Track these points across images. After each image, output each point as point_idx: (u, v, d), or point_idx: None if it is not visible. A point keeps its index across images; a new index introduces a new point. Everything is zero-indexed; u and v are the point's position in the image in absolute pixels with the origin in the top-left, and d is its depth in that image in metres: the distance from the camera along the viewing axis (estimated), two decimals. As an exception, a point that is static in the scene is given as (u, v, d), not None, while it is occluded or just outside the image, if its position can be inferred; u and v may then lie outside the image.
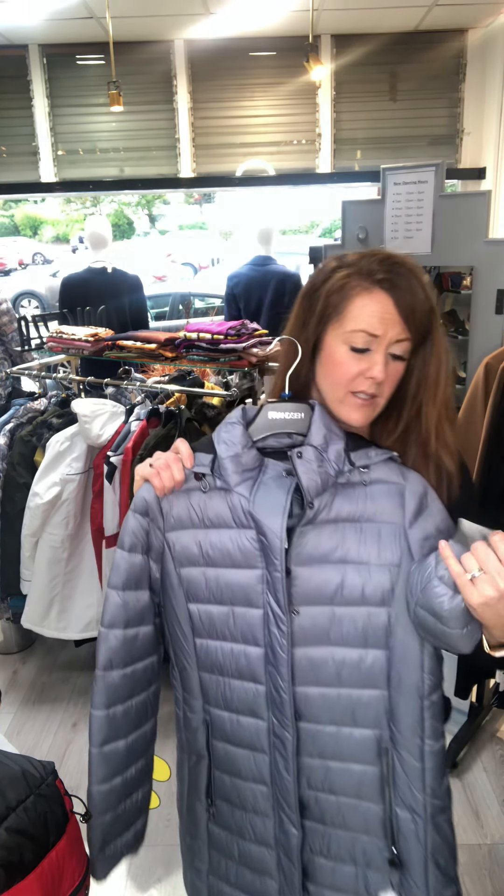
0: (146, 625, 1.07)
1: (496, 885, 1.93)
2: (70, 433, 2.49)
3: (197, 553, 1.02)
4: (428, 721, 1.00)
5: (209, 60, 4.66)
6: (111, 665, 1.05)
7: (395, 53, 4.62)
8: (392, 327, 0.99)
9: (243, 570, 1.00)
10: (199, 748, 1.11)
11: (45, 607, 2.54)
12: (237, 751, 1.07)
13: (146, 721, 1.12)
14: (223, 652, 1.04)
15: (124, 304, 3.84)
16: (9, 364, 3.76)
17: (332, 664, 0.99)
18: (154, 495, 1.02)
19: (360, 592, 0.97)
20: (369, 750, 1.01)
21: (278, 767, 1.04)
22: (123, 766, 1.10)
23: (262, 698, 1.02)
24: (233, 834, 1.12)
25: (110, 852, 1.12)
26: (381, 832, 1.03)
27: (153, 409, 2.44)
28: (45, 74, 4.73)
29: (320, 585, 0.98)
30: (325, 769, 1.03)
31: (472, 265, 2.18)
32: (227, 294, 4.03)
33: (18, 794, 1.02)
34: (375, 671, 0.99)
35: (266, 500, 0.97)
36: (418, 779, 1.01)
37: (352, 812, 1.04)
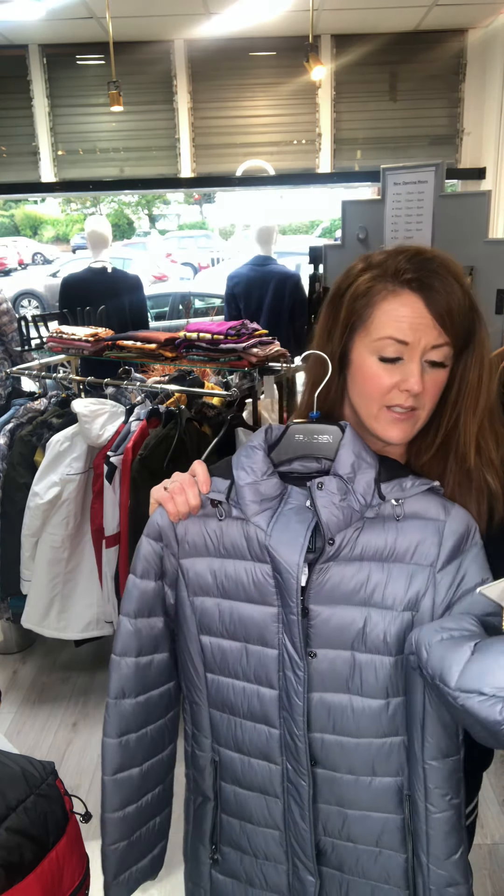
0: (161, 652, 1.02)
1: (496, 885, 1.93)
2: (70, 433, 2.49)
3: (211, 582, 0.96)
4: (428, 781, 0.91)
5: (209, 60, 4.66)
6: (123, 694, 1.02)
7: (395, 53, 4.62)
8: (425, 333, 0.88)
9: (258, 605, 0.93)
10: (206, 789, 1.06)
11: (45, 607, 2.54)
12: (248, 794, 1.01)
13: (163, 748, 1.07)
14: (235, 690, 0.98)
15: (124, 304, 3.84)
16: (9, 364, 3.75)
17: (351, 713, 0.93)
18: (168, 520, 0.97)
19: (383, 638, 0.90)
20: (390, 799, 0.95)
21: (293, 814, 0.99)
22: (138, 795, 1.06)
23: (276, 742, 0.97)
24: (241, 882, 1.06)
25: (124, 879, 1.08)
26: (403, 882, 0.97)
27: (153, 409, 2.44)
28: (45, 74, 4.73)
29: (341, 627, 0.90)
30: (342, 816, 0.97)
31: (472, 265, 2.18)
32: (227, 294, 4.04)
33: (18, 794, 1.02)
34: (398, 720, 0.92)
35: (284, 534, 0.89)
36: (423, 839, 0.93)
37: (371, 860, 0.98)
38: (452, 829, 0.92)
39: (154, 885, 1.95)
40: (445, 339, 0.89)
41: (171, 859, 2.04)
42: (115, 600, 2.49)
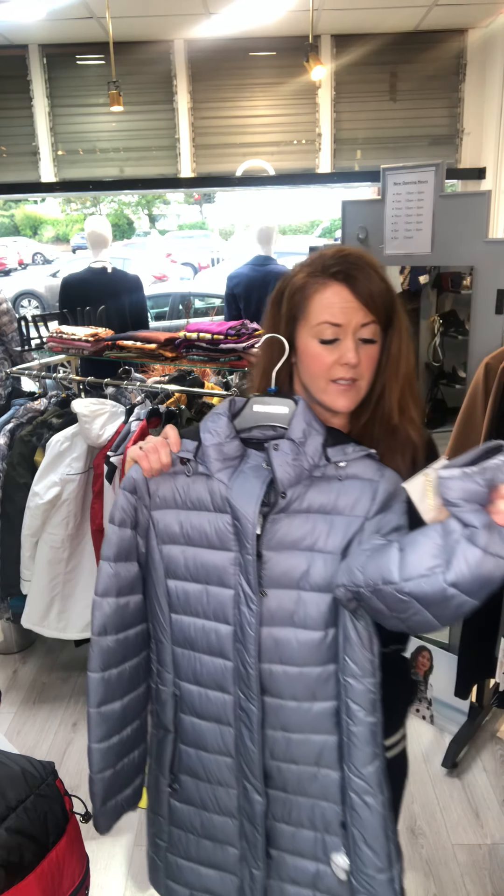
0: (136, 594, 1.13)
1: (496, 885, 1.93)
2: (70, 433, 2.49)
3: (178, 532, 1.08)
4: (350, 701, 1.02)
5: (209, 60, 4.66)
6: (105, 631, 1.11)
7: (395, 53, 4.61)
8: (354, 314, 1.04)
9: (219, 551, 1.06)
10: (167, 722, 1.17)
11: (45, 607, 2.54)
12: (204, 724, 1.12)
13: (140, 684, 1.18)
14: (196, 628, 1.10)
15: (124, 304, 3.84)
16: (9, 364, 3.75)
17: (296, 644, 1.04)
18: (142, 476, 1.09)
19: (324, 578, 1.02)
20: (328, 721, 1.06)
21: (244, 739, 1.09)
22: (119, 727, 1.15)
23: (230, 674, 1.08)
24: (196, 807, 1.17)
25: (111, 807, 1.19)
26: (339, 797, 1.08)
27: (153, 409, 2.44)
28: (45, 74, 4.73)
29: (288, 570, 1.03)
30: (287, 740, 1.08)
31: (472, 265, 2.18)
32: (227, 294, 4.04)
33: (18, 794, 1.02)
34: (335, 649, 1.04)
35: (243, 487, 1.03)
36: (347, 753, 1.05)
37: (311, 780, 1.09)
38: (367, 743, 1.03)
39: (154, 885, 1.95)
40: (371, 318, 1.05)
41: (171, 859, 2.03)
42: (115, 600, 2.49)
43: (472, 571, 0.80)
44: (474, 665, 2.27)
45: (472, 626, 2.22)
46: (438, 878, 1.95)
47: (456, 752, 2.34)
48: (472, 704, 2.42)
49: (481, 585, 0.81)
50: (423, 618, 0.87)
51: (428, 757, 2.39)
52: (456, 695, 2.32)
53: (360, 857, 1.06)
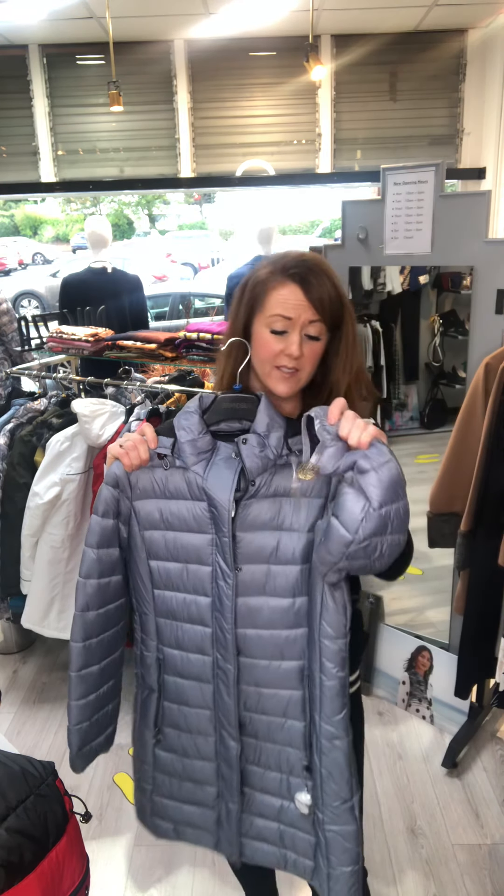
0: (116, 574, 1.26)
1: (496, 885, 1.93)
2: (70, 433, 2.49)
3: (158, 518, 1.21)
4: (324, 660, 1.16)
5: (209, 60, 4.66)
6: (88, 608, 1.25)
7: (395, 53, 4.61)
8: (304, 312, 1.16)
9: (196, 534, 1.20)
10: (151, 683, 1.32)
11: (45, 607, 2.54)
12: (186, 683, 1.28)
13: (116, 650, 1.33)
14: (177, 601, 1.24)
15: (124, 304, 3.84)
16: (9, 364, 3.75)
17: (267, 610, 1.20)
18: (123, 471, 1.20)
19: (291, 553, 1.17)
20: (294, 678, 1.22)
21: (221, 694, 1.25)
22: (97, 685, 1.31)
23: (209, 638, 1.24)
24: (178, 754, 1.34)
25: (86, 751, 1.35)
26: (302, 745, 1.24)
27: (153, 409, 2.44)
28: (45, 74, 4.73)
29: (260, 548, 1.17)
30: (258, 695, 1.24)
31: (472, 265, 2.18)
32: (227, 294, 4.03)
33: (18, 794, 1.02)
34: (301, 614, 1.19)
35: (217, 478, 1.16)
36: (317, 703, 1.20)
37: (279, 729, 1.25)
38: (337, 695, 1.17)
39: (154, 884, 1.95)
40: (318, 318, 1.17)
41: (171, 859, 2.04)
42: (115, 600, 2.49)
43: (383, 486, 0.99)
44: (474, 665, 2.27)
45: (472, 627, 2.22)
46: (438, 878, 1.95)
47: (456, 752, 2.34)
48: (472, 704, 2.42)
49: (396, 489, 1.01)
50: (392, 543, 1.03)
51: (428, 757, 2.39)
52: (456, 695, 2.32)
53: (326, 791, 1.22)
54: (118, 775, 2.32)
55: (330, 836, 1.23)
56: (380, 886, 1.93)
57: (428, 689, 2.52)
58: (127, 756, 2.39)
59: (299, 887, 1.93)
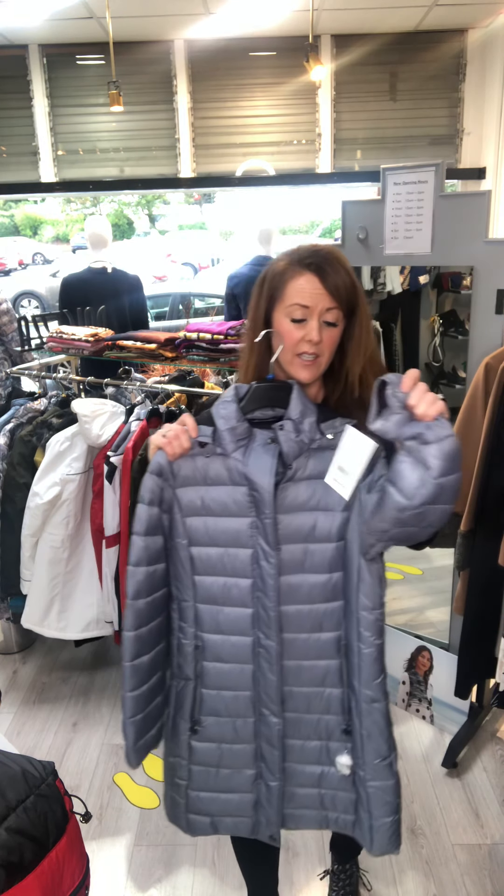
0: (162, 563, 1.30)
1: (496, 885, 1.93)
2: (70, 433, 2.49)
3: (199, 505, 1.26)
4: (361, 627, 1.23)
5: (209, 60, 4.66)
6: (139, 595, 1.28)
7: (395, 53, 4.62)
8: (321, 300, 1.21)
9: (236, 518, 1.25)
10: (188, 671, 1.34)
11: (45, 607, 2.54)
12: (226, 667, 1.32)
13: (163, 639, 1.36)
14: (217, 585, 1.28)
15: (124, 304, 3.84)
16: (9, 364, 3.75)
17: (307, 587, 1.26)
18: (167, 460, 1.24)
19: (327, 532, 1.23)
20: (332, 648, 1.29)
21: (263, 672, 1.30)
22: (148, 676, 1.34)
23: (249, 619, 1.28)
24: (216, 742, 1.36)
25: (141, 745, 1.36)
26: (340, 710, 1.32)
27: (153, 409, 2.44)
28: (45, 74, 4.73)
29: (298, 528, 1.23)
30: (298, 668, 1.30)
31: (472, 265, 2.18)
32: (226, 294, 4.03)
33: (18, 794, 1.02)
34: (338, 588, 1.26)
35: (257, 463, 1.22)
36: (356, 671, 1.27)
37: (318, 699, 1.32)
38: (375, 661, 1.25)
39: (154, 884, 1.95)
40: (335, 305, 1.22)
41: (171, 859, 2.04)
42: (115, 600, 2.49)
43: (444, 457, 1.04)
44: (474, 665, 2.27)
45: (472, 627, 2.22)
46: (438, 878, 1.95)
47: (456, 752, 2.34)
48: (472, 704, 2.42)
49: (455, 461, 1.05)
50: (442, 512, 1.09)
51: (428, 757, 2.39)
52: (456, 695, 2.32)
53: (366, 751, 1.29)
54: (118, 775, 2.32)
55: (371, 791, 1.31)
56: (380, 886, 1.93)
57: (428, 689, 2.52)
58: (127, 756, 2.39)
59: (299, 887, 1.94)
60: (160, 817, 2.16)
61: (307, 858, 2.01)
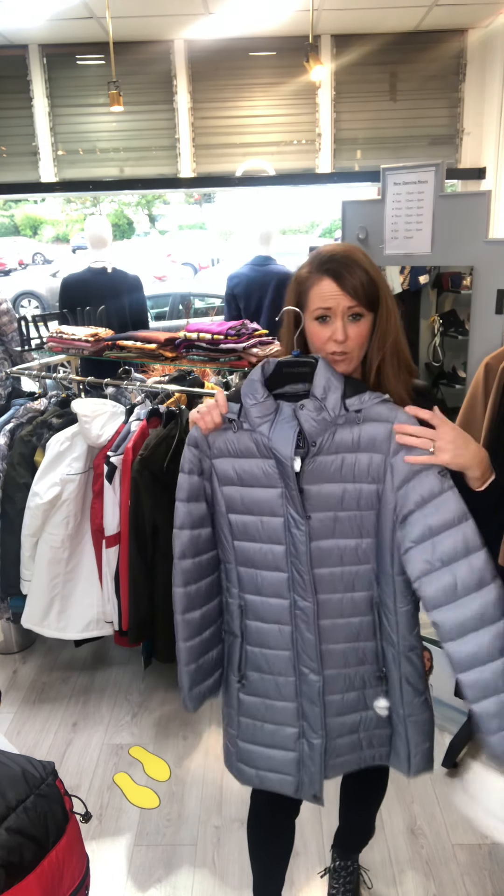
0: (206, 527, 1.40)
1: (496, 885, 1.93)
2: (70, 433, 2.49)
3: (233, 475, 1.34)
4: (397, 589, 1.33)
5: (209, 60, 4.66)
6: (184, 555, 1.39)
7: (395, 53, 4.61)
8: (342, 301, 1.28)
9: (267, 488, 1.32)
10: (235, 628, 1.45)
11: (45, 607, 2.54)
12: (266, 626, 1.40)
13: (213, 598, 1.46)
14: (254, 550, 1.37)
15: (124, 304, 3.84)
16: (9, 364, 3.75)
17: (337, 551, 1.33)
18: (201, 434, 1.34)
19: (355, 502, 1.31)
20: (365, 606, 1.38)
21: (301, 632, 1.37)
22: (199, 630, 1.44)
23: (285, 583, 1.36)
24: (260, 697, 1.44)
25: (196, 693, 1.47)
26: (375, 660, 1.41)
27: (153, 409, 2.44)
28: (45, 74, 4.73)
29: (326, 498, 1.30)
30: (332, 625, 1.37)
31: (472, 265, 2.18)
32: (227, 294, 4.03)
33: (18, 794, 1.02)
34: (368, 553, 1.35)
35: (280, 437, 1.28)
36: (394, 626, 1.37)
37: (353, 653, 1.40)
38: (412, 617, 1.37)
39: (154, 884, 1.95)
40: (356, 303, 1.28)
41: (171, 859, 2.04)
42: (115, 600, 2.49)
43: None
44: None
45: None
46: (438, 878, 1.95)
47: (456, 752, 2.34)
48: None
49: None
50: None
51: (428, 757, 2.38)
52: (456, 695, 2.32)
53: (405, 692, 1.41)
54: (118, 775, 2.32)
55: (411, 724, 1.43)
56: (380, 886, 1.93)
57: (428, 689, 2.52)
58: (127, 756, 2.39)
59: (300, 886, 1.93)
60: (160, 817, 2.16)
61: (307, 858, 2.01)
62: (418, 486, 1.26)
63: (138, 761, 2.36)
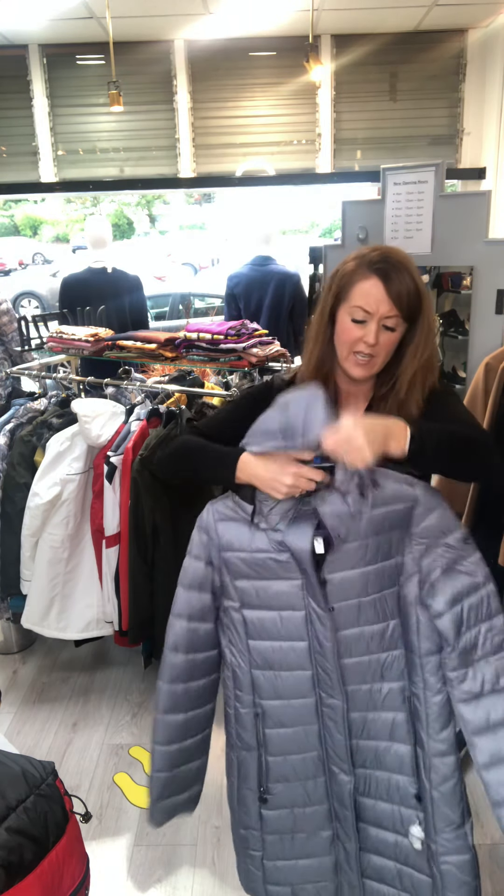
0: (206, 622, 1.29)
1: (496, 885, 1.93)
2: (70, 433, 2.49)
3: (245, 568, 1.24)
4: (427, 675, 1.22)
5: (209, 60, 4.66)
6: (176, 649, 1.29)
7: (395, 53, 4.62)
8: (382, 305, 1.24)
9: (284, 580, 1.23)
10: (249, 740, 1.32)
11: (45, 607, 2.54)
12: (289, 731, 1.29)
13: (204, 704, 1.34)
14: (273, 650, 1.26)
15: (124, 304, 3.84)
16: (9, 364, 3.75)
17: (363, 639, 1.24)
18: (212, 520, 1.25)
19: (378, 586, 1.22)
20: (397, 699, 1.26)
21: (330, 731, 1.27)
22: (181, 736, 1.32)
23: (309, 681, 1.26)
24: (287, 808, 1.33)
25: (165, 806, 1.35)
26: (410, 770, 1.27)
27: (153, 409, 2.44)
28: (45, 74, 4.73)
29: (350, 585, 1.21)
30: (363, 720, 1.27)
31: (472, 265, 2.18)
32: (227, 294, 4.03)
33: (18, 794, 1.02)
34: (395, 636, 1.25)
35: (297, 532, 1.18)
36: (424, 723, 1.24)
37: (386, 753, 1.28)
38: (443, 709, 1.23)
39: (154, 884, 1.95)
40: (396, 313, 1.25)
41: (171, 859, 2.04)
42: (115, 600, 2.49)
43: None
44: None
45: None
46: (438, 878, 1.95)
47: (456, 752, 2.33)
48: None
49: None
50: None
51: (428, 757, 2.38)
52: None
53: (437, 817, 1.25)
54: (118, 775, 2.32)
55: (445, 868, 1.26)
56: (380, 886, 1.93)
57: (428, 689, 2.52)
58: (127, 756, 2.39)
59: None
60: (160, 817, 2.16)
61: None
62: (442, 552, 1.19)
63: (138, 761, 2.36)
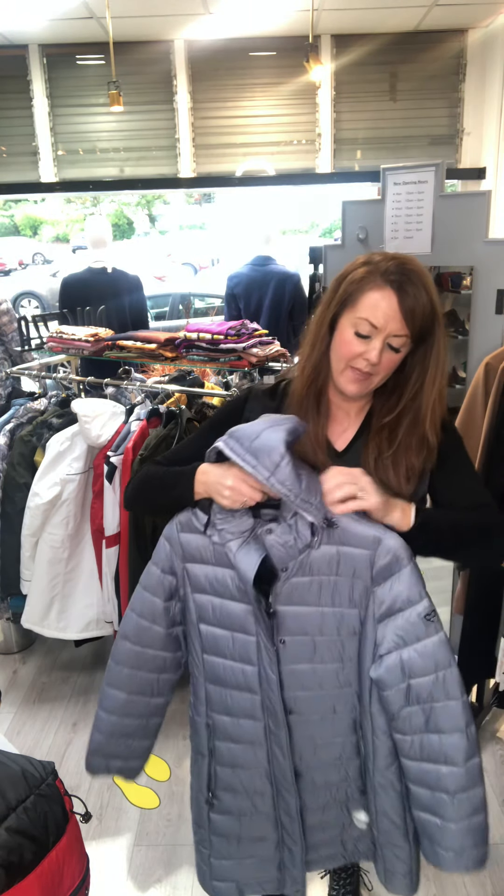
0: (158, 625, 1.28)
1: (496, 885, 1.93)
2: (70, 433, 2.49)
3: (205, 583, 1.22)
4: (372, 716, 1.21)
5: (209, 60, 4.66)
6: (126, 637, 1.31)
7: (395, 53, 4.62)
8: (391, 322, 1.13)
9: (239, 602, 1.19)
10: (202, 748, 1.34)
11: (45, 607, 2.54)
12: (238, 747, 1.29)
13: (153, 695, 1.34)
14: (225, 668, 1.25)
15: (124, 304, 3.84)
16: (9, 364, 3.75)
17: (315, 675, 1.21)
18: (175, 531, 1.22)
19: (335, 629, 1.18)
20: (348, 728, 1.26)
21: (276, 756, 1.26)
22: (120, 712, 1.34)
23: (259, 705, 1.24)
24: (234, 815, 1.34)
25: (99, 761, 1.38)
26: (358, 775, 1.30)
27: (153, 409, 2.44)
28: (45, 74, 4.73)
29: (302, 623, 1.18)
30: (313, 747, 1.26)
31: (472, 265, 2.18)
32: (227, 294, 4.03)
33: (18, 794, 1.02)
34: (350, 676, 1.22)
35: (245, 557, 1.14)
36: (371, 755, 1.25)
37: (335, 771, 1.29)
38: (390, 752, 1.22)
39: (154, 884, 1.95)
40: (405, 332, 1.14)
41: (171, 859, 2.04)
42: (115, 600, 2.49)
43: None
44: (474, 665, 2.27)
45: (472, 627, 2.22)
46: (438, 878, 1.95)
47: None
48: (471, 704, 2.42)
49: None
50: None
51: (428, 757, 2.38)
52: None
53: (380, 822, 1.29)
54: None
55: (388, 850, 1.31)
56: (380, 888, 1.93)
57: (428, 689, 2.52)
58: (127, 756, 2.39)
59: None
60: (160, 817, 2.16)
61: (307, 858, 2.01)
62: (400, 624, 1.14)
63: (138, 761, 2.36)
